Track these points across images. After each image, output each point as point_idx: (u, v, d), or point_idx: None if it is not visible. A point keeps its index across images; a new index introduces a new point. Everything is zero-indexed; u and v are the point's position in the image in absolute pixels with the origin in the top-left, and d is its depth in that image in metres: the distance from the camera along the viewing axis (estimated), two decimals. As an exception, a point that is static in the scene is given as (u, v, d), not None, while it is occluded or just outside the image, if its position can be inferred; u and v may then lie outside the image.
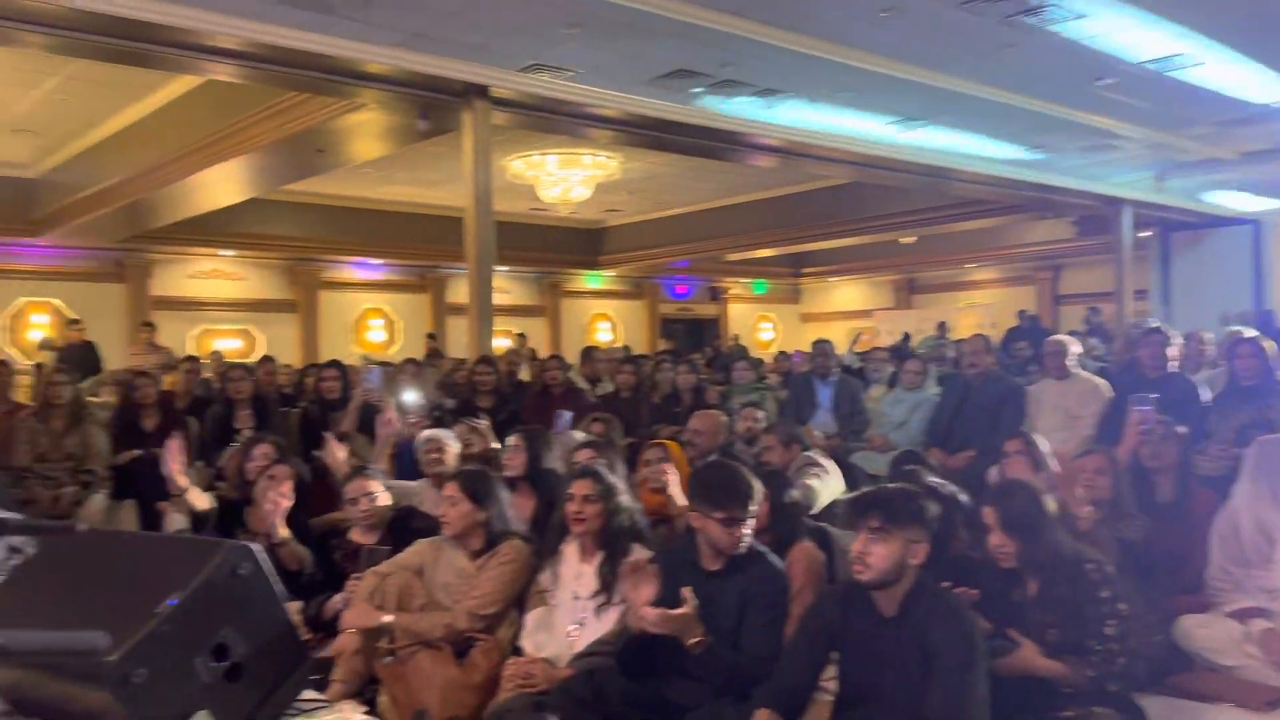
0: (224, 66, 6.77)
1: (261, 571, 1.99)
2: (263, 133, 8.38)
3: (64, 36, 6.13)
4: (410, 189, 13.35)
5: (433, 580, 3.46)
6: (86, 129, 10.20)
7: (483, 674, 3.19)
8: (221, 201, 11.07)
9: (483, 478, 3.60)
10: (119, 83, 8.63)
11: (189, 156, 9.21)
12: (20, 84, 8.58)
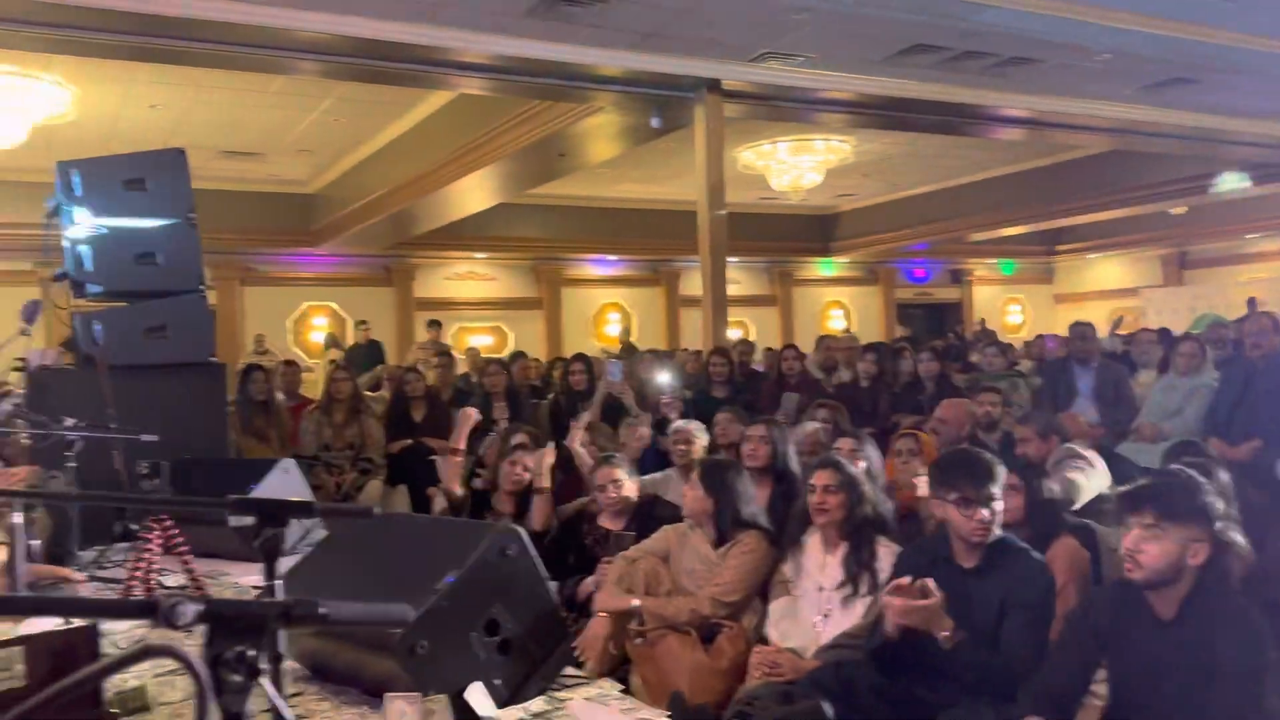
0: (474, 80, 7.23)
1: (527, 552, 2.12)
2: (510, 141, 8.85)
3: (334, 62, 6.75)
4: (643, 186, 13.67)
5: (678, 566, 3.55)
6: (355, 146, 11.16)
7: (729, 660, 3.24)
8: (473, 208, 11.79)
9: (718, 468, 3.65)
10: (382, 102, 9.38)
11: (445, 167, 9.88)
12: (298, 108, 9.51)
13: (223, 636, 0.74)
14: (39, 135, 8.74)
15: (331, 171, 12.31)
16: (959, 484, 2.79)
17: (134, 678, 2.27)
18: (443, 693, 1.94)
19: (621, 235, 15.30)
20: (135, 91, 8.51)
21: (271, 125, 9.99)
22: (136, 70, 7.82)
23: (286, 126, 10.13)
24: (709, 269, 7.57)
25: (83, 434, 3.27)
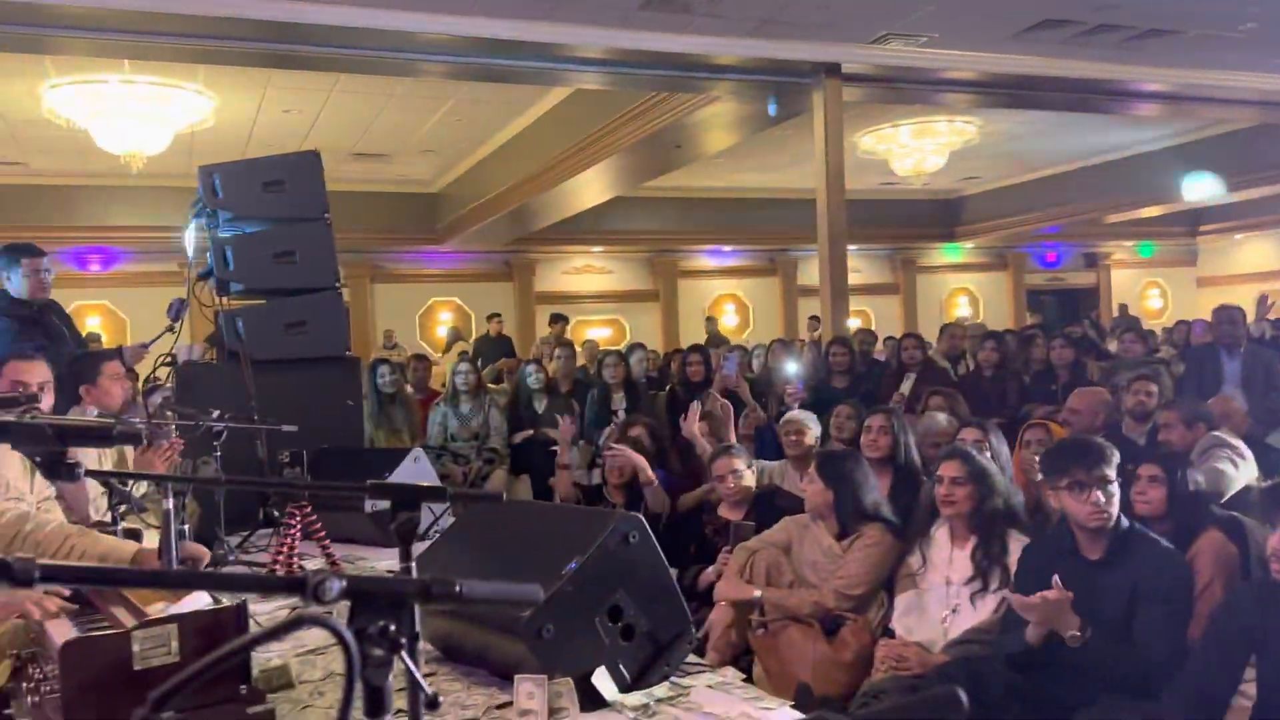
0: (591, 75, 7.31)
1: (649, 539, 2.14)
2: (626, 134, 8.90)
3: (457, 63, 6.93)
4: (759, 175, 13.55)
5: (799, 558, 3.52)
6: (477, 145, 11.42)
7: (853, 653, 3.19)
8: (590, 202, 11.92)
9: (836, 459, 3.60)
10: (502, 101, 9.57)
11: (562, 163, 10.02)
12: (423, 110, 9.79)
13: (365, 612, 0.77)
14: (182, 142, 9.25)
15: (454, 171, 12.63)
16: (1069, 468, 2.73)
17: (277, 656, 2.39)
18: (569, 676, 1.97)
19: (737, 226, 15.23)
20: (270, 97, 8.91)
21: (398, 127, 10.32)
22: (271, 77, 8.19)
23: (412, 128, 10.44)
24: (828, 257, 7.45)
25: (228, 425, 3.44)
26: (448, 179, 13.05)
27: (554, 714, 1.92)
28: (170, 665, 1.79)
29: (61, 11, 5.56)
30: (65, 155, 10.49)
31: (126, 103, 8.29)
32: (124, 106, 8.33)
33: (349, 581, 0.76)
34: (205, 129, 9.30)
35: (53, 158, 10.71)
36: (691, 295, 16.38)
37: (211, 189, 4.68)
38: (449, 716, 1.96)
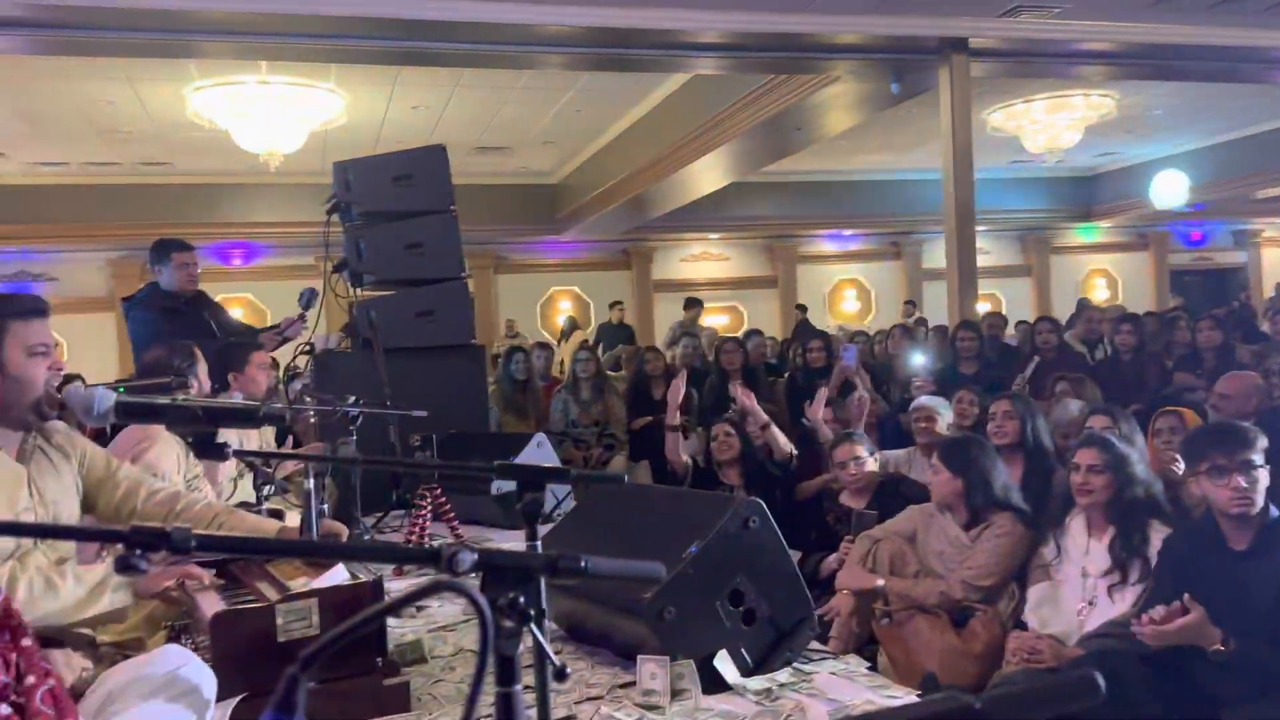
0: (709, 60, 7.27)
1: (770, 524, 2.13)
2: (744, 119, 8.83)
3: (577, 53, 7.00)
4: (882, 156, 13.24)
5: (925, 547, 3.44)
6: (596, 135, 11.53)
7: (982, 644, 3.11)
8: (707, 188, 11.88)
9: (961, 446, 3.50)
10: (620, 90, 9.63)
11: (679, 150, 10.01)
12: (544, 102, 9.94)
13: (495, 585, 0.79)
14: (316, 140, 9.64)
15: (573, 161, 12.78)
16: (1208, 453, 2.60)
17: (410, 632, 2.48)
18: (690, 658, 1.98)
19: (859, 208, 14.92)
20: (399, 95, 9.19)
21: (519, 120, 10.50)
22: (399, 74, 8.45)
23: (532, 120, 10.61)
24: (955, 239, 7.24)
25: (363, 410, 3.58)
26: (567, 169, 13.21)
27: (676, 695, 1.94)
28: (311, 637, 1.88)
29: (204, 16, 5.86)
30: (208, 155, 11.06)
31: (264, 103, 8.69)
32: (262, 107, 8.73)
33: (480, 554, 0.78)
34: (338, 127, 9.66)
35: (197, 158, 11.31)
36: (811, 280, 16.16)
37: (345, 184, 4.87)
38: (573, 694, 1.99)
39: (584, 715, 1.90)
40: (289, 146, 9.32)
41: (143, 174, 11.99)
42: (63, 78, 8.27)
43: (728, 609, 2.08)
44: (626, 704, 1.93)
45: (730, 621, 2.07)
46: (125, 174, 11.93)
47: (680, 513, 2.38)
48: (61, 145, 10.57)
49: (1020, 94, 10.41)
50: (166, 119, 9.61)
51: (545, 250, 15.03)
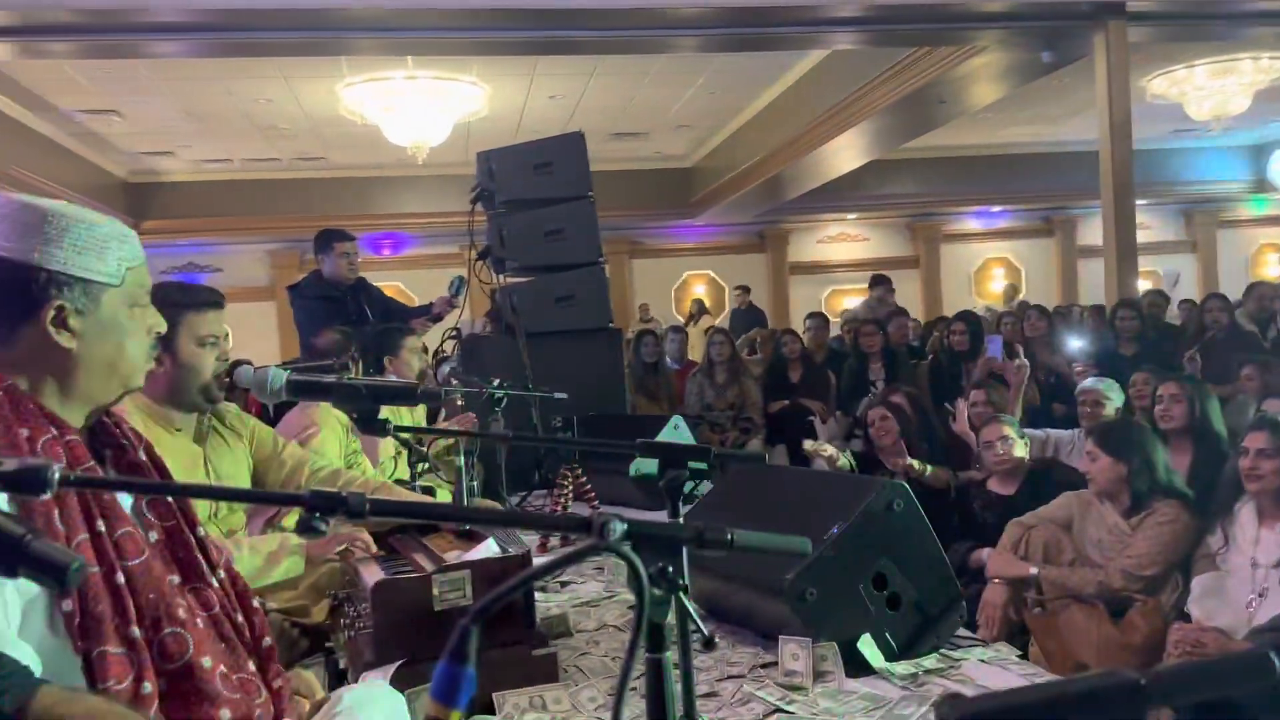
0: (848, 35, 7.12)
1: (916, 508, 2.09)
2: (883, 95, 8.62)
3: (712, 35, 6.97)
4: (1032, 128, 12.69)
5: (1082, 535, 3.31)
6: (730, 117, 11.47)
7: (1142, 636, 2.98)
8: (845, 167, 11.66)
9: (1124, 430, 3.34)
10: (755, 70, 9.55)
11: (816, 128, 9.86)
12: (677, 85, 9.95)
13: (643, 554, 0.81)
14: (460, 132, 9.93)
15: (708, 144, 12.75)
16: None
17: (556, 607, 2.55)
18: (833, 640, 1.97)
19: (1007, 184, 14.32)
20: (537, 85, 9.38)
21: (654, 104, 10.55)
22: (538, 65, 8.62)
23: (667, 104, 10.64)
24: (1113, 214, 6.88)
25: (507, 392, 3.69)
26: (701, 153, 13.20)
27: (819, 677, 1.93)
28: (464, 607, 1.96)
29: (354, 14, 6.12)
30: (360, 149, 11.56)
31: (411, 97, 9.01)
32: (409, 101, 9.06)
33: (629, 524, 0.80)
34: (480, 118, 9.92)
35: (349, 152, 11.83)
36: (956, 260, 15.66)
37: (488, 173, 5.00)
38: (714, 671, 2.01)
39: (726, 692, 1.92)
40: (435, 139, 9.64)
41: (299, 169, 12.63)
42: (224, 79, 8.79)
43: (871, 592, 2.05)
44: (768, 683, 1.94)
45: (874, 605, 2.04)
46: (283, 169, 12.59)
47: (821, 495, 2.36)
48: (224, 143, 11.25)
49: (1182, 59, 9.78)
50: (320, 115, 10.09)
51: (679, 234, 15.07)
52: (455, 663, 0.59)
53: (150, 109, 9.70)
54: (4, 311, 1.30)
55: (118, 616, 1.24)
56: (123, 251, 1.35)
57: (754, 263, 15.32)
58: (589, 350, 4.96)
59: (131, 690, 1.22)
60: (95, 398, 1.36)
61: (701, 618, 2.37)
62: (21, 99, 9.20)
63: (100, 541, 1.26)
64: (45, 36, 6.21)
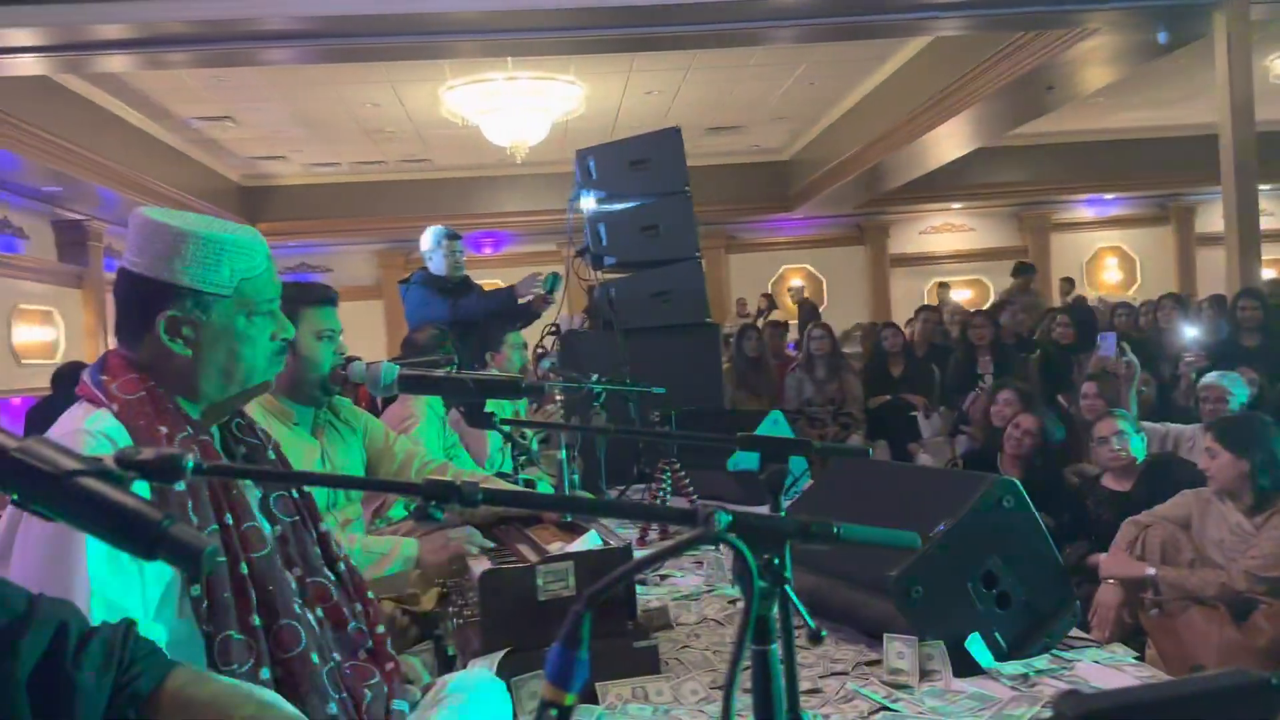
0: (952, 21, 6.94)
1: (1026, 505, 2.03)
2: (988, 81, 8.38)
3: (810, 25, 6.89)
4: (1147, 112, 12.16)
5: (1202, 535, 3.17)
6: (829, 108, 11.31)
7: (1267, 639, 2.84)
8: (948, 156, 11.37)
9: (1246, 425, 3.18)
10: (854, 60, 9.40)
11: (918, 117, 9.64)
12: (775, 77, 9.86)
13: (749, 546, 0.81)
14: (557, 130, 10.05)
15: (806, 136, 12.60)
16: None
17: (656, 599, 2.57)
18: (940, 639, 1.93)
19: (1120, 170, 13.75)
20: (634, 81, 9.42)
21: (751, 97, 10.48)
22: (634, 62, 8.65)
23: (764, 97, 10.56)
24: (1234, 200, 6.55)
25: (606, 387, 3.72)
26: (799, 145, 13.05)
27: (925, 675, 1.90)
28: (568, 598, 1.99)
29: (456, 18, 6.25)
30: (461, 150, 11.80)
31: (510, 98, 9.16)
32: (508, 102, 9.21)
33: (734, 515, 0.80)
34: (577, 117, 10.02)
35: (451, 153, 12.09)
36: (1066, 250, 15.12)
37: (586, 171, 5.05)
38: (817, 668, 1.99)
39: (829, 689, 1.90)
40: (533, 138, 9.78)
41: (404, 170, 12.97)
42: (333, 84, 9.09)
43: (980, 591, 2.00)
44: (873, 681, 1.91)
45: (983, 604, 2.00)
46: (389, 171, 12.95)
47: (927, 491, 2.31)
48: (333, 147, 11.62)
49: (1313, 34, 9.25)
50: (423, 118, 10.33)
51: (776, 228, 14.93)
52: (569, 647, 0.60)
53: (263, 115, 10.09)
54: (130, 320, 1.40)
55: (240, 605, 1.31)
56: (238, 263, 1.41)
57: (852, 255, 15.09)
58: (686, 345, 4.97)
59: (251, 674, 1.30)
60: (215, 400, 1.44)
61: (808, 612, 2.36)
62: (143, 108, 9.68)
63: (228, 534, 1.34)
64: (164, 48, 6.51)
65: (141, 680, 0.93)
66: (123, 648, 0.95)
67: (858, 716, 1.77)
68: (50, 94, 8.35)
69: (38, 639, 0.89)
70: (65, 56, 6.55)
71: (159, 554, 0.69)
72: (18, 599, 0.92)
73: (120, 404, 1.35)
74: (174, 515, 0.71)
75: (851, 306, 14.27)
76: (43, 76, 7.62)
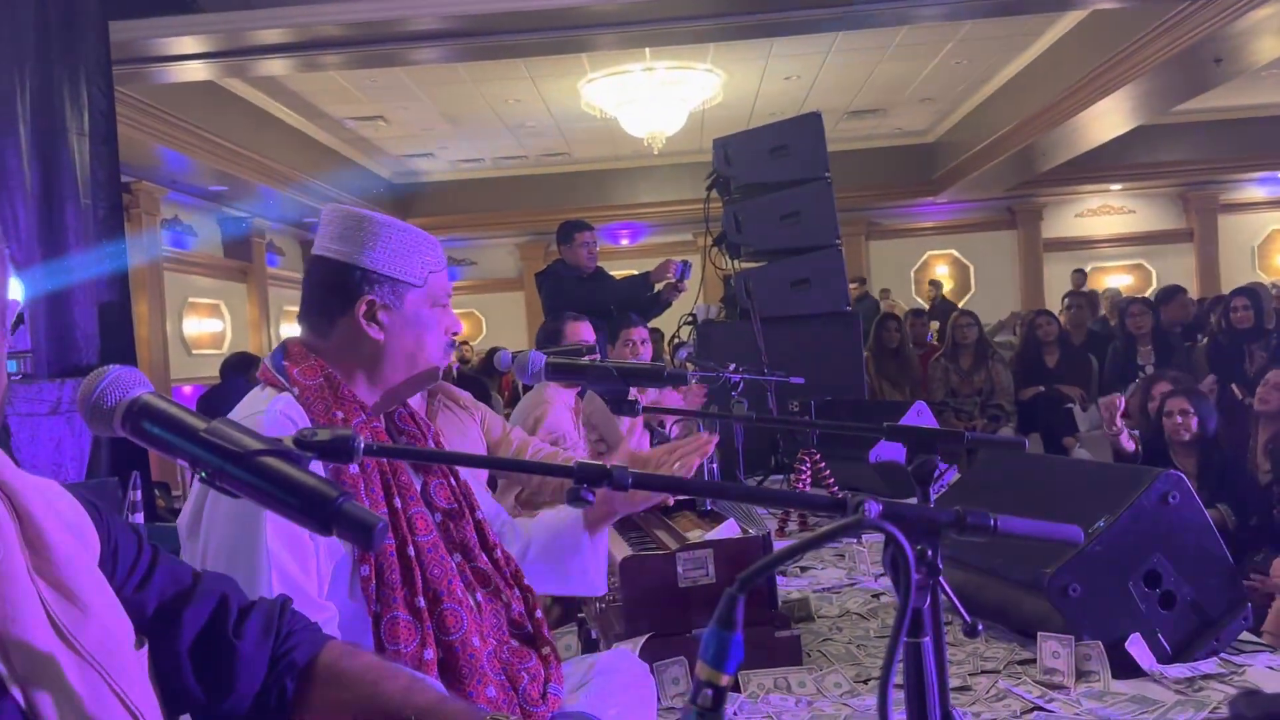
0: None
1: (1194, 502, 1.92)
2: (1151, 55, 7.91)
3: (959, 3, 6.66)
4: (1330, 83, 11.25)
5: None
6: (977, 88, 10.90)
7: None
8: (1107, 134, 10.79)
9: None
10: (1006, 36, 9.02)
11: (1074, 94, 9.19)
12: (920, 57, 9.57)
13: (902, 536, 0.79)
14: (694, 120, 10.04)
15: (952, 117, 12.19)
16: None
17: (796, 591, 2.55)
18: (1098, 639, 1.85)
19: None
20: (772, 67, 9.32)
21: (894, 79, 10.21)
22: (773, 46, 8.56)
23: (908, 78, 10.27)
24: None
25: (744, 377, 3.70)
26: (945, 126, 12.64)
27: (1082, 676, 1.82)
28: (707, 585, 2.00)
29: (596, 11, 6.32)
30: (599, 142, 11.94)
31: (648, 89, 9.21)
32: (646, 93, 9.26)
33: (885, 505, 0.79)
34: (714, 105, 9.99)
35: (589, 146, 12.26)
36: (1236, 232, 14.15)
37: (724, 159, 5.04)
38: (966, 665, 1.94)
39: (979, 687, 1.85)
40: (670, 128, 9.81)
41: (544, 165, 13.23)
42: (477, 82, 9.34)
43: (1142, 590, 1.90)
44: (1026, 680, 1.85)
45: (1145, 604, 1.90)
46: (530, 165, 13.23)
47: (1086, 486, 2.22)
48: (477, 143, 11.95)
49: None
50: (563, 112, 10.50)
51: (920, 213, 14.50)
52: (723, 629, 0.61)
53: (411, 113, 10.46)
54: (325, 305, 1.49)
55: (406, 586, 1.39)
56: (427, 257, 1.51)
57: (1002, 240, 14.51)
58: (826, 334, 4.91)
59: (416, 654, 1.36)
60: (398, 389, 1.53)
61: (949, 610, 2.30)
62: (301, 109, 10.19)
63: (396, 517, 1.41)
64: (320, 50, 6.83)
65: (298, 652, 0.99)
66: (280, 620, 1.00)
67: (1010, 716, 1.72)
68: (216, 98, 8.89)
69: (200, 610, 0.96)
70: (229, 61, 6.95)
71: (334, 529, 0.74)
72: (184, 573, 0.98)
73: (300, 388, 1.44)
74: (347, 492, 0.75)
75: (1001, 294, 13.75)
76: (208, 81, 8.12)
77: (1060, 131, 10.09)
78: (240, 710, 0.96)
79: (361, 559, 1.37)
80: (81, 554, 0.87)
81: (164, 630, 0.94)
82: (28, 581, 0.80)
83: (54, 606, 0.81)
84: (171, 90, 7.78)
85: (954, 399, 6.52)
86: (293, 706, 0.97)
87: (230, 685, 0.95)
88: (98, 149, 4.97)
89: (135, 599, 0.94)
